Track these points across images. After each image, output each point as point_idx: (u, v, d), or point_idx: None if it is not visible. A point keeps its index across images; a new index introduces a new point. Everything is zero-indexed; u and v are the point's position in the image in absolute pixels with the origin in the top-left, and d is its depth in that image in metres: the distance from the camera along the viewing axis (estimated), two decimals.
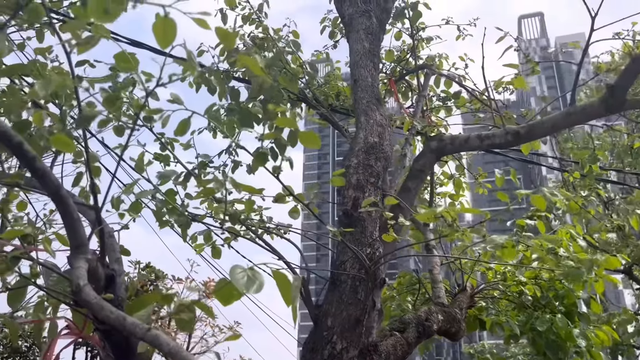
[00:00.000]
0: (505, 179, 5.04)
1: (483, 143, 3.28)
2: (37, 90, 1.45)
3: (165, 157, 3.23)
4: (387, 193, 3.21)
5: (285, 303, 1.75)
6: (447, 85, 5.45)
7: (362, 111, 3.35)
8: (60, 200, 1.62)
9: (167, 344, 1.38)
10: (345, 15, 3.97)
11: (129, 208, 3.28)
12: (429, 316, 3.71)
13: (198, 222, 3.62)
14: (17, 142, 1.44)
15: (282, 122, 2.05)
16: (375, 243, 2.96)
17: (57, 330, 3.02)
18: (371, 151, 3.15)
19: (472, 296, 4.99)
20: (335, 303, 2.87)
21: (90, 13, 1.28)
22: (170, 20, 1.35)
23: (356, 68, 3.62)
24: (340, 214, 3.02)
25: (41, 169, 1.53)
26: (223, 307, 1.76)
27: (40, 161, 1.52)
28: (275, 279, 1.71)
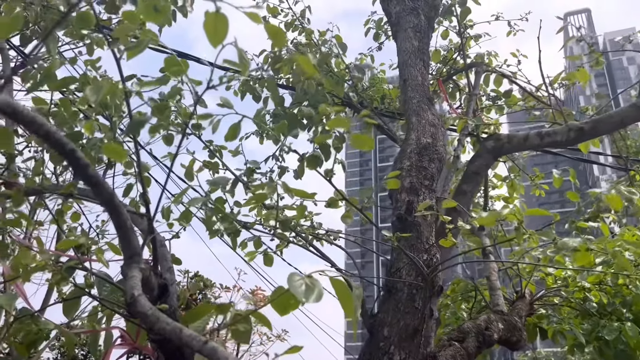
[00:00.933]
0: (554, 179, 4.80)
1: (543, 141, 3.09)
2: (88, 96, 1.42)
3: (214, 164, 3.21)
4: (442, 196, 3.07)
5: (346, 314, 1.66)
6: (497, 84, 5.25)
7: (413, 111, 3.23)
8: (114, 209, 1.59)
9: (225, 358, 1.30)
10: (392, 14, 3.86)
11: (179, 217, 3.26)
12: (488, 325, 3.53)
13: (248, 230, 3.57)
14: (70, 149, 1.40)
15: (335, 124, 1.96)
16: (432, 249, 2.82)
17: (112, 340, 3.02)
18: (424, 152, 3.02)
19: (532, 303, 4.75)
20: (391, 312, 2.75)
21: (140, 12, 1.23)
22: (222, 16, 1.29)
23: (405, 67, 3.50)
24: (393, 218, 2.90)
25: (94, 177, 1.49)
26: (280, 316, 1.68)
27: (93, 169, 1.48)
28: (335, 288, 1.62)
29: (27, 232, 6.57)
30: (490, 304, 4.22)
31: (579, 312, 4.73)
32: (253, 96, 5.37)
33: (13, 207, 1.78)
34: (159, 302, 2.16)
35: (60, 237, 11.09)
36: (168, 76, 1.68)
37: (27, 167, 7.00)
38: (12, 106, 1.26)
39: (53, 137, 1.37)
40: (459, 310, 5.24)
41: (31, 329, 2.43)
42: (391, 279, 2.78)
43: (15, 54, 5.98)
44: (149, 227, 1.99)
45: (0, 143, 1.62)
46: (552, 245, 3.73)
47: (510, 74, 4.97)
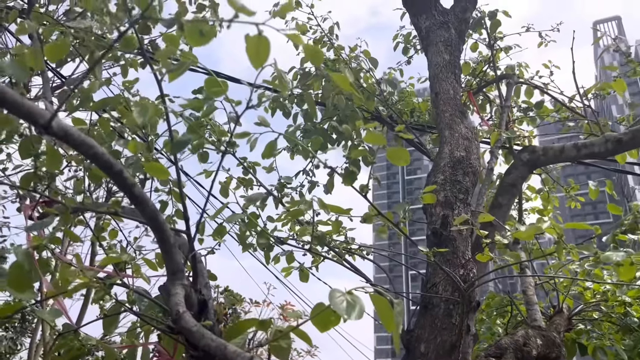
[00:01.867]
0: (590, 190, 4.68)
1: (580, 153, 3.03)
2: (136, 117, 1.47)
3: (248, 181, 3.25)
4: (477, 210, 3.03)
5: (387, 329, 1.65)
6: (528, 95, 5.19)
7: (445, 125, 3.22)
8: (157, 226, 1.62)
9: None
10: (422, 29, 3.87)
11: (214, 232, 3.31)
12: (527, 340, 3.45)
13: (280, 246, 3.60)
14: (117, 170, 1.45)
15: (370, 139, 1.97)
16: (469, 264, 2.79)
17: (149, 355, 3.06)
18: (458, 166, 3.00)
19: (570, 318, 4.63)
20: (428, 328, 2.72)
21: (187, 36, 1.27)
22: (264, 38, 1.33)
23: (437, 81, 3.49)
24: (429, 233, 2.88)
25: (140, 196, 1.53)
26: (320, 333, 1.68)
27: (138, 188, 1.53)
28: (375, 304, 1.61)
29: (62, 248, 6.73)
30: (527, 318, 4.14)
31: (619, 327, 4.59)
32: (283, 112, 5.43)
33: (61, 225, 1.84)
34: (199, 318, 2.19)
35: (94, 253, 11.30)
36: (210, 96, 1.72)
37: (66, 186, 7.21)
38: (64, 129, 1.32)
39: (101, 158, 1.41)
40: (495, 326, 5.15)
41: (74, 344, 2.49)
42: (427, 294, 2.76)
43: (52, 75, 6.20)
44: (189, 243, 2.03)
45: (50, 163, 1.68)
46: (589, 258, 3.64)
47: (542, 85, 4.91)
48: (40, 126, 1.27)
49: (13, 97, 1.22)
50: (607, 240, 3.76)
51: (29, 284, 1.62)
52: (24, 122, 2.14)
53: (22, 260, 1.50)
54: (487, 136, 4.85)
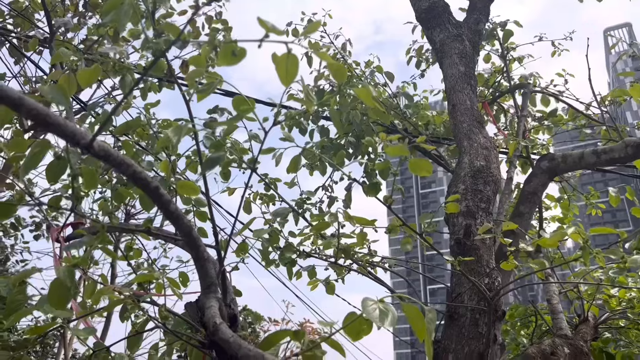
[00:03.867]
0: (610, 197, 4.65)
1: (600, 159, 3.04)
2: (171, 136, 1.52)
3: (270, 196, 3.30)
4: (499, 219, 3.04)
5: (418, 338, 1.67)
6: (545, 104, 5.21)
7: (464, 135, 3.25)
8: (192, 241, 1.67)
9: None
10: (436, 42, 3.92)
11: (237, 249, 3.36)
12: (554, 349, 3.43)
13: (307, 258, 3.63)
14: (154, 187, 1.51)
15: (393, 151, 2.01)
16: (493, 272, 2.79)
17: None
18: (478, 175, 3.02)
19: (596, 327, 4.57)
20: (455, 338, 2.72)
21: (220, 56, 1.33)
22: (293, 56, 1.38)
23: (453, 92, 3.53)
24: (452, 243, 2.89)
25: (175, 212, 1.59)
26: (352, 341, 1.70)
27: (174, 205, 1.58)
28: (407, 313, 1.63)
29: (84, 269, 6.81)
30: (552, 328, 4.10)
31: None
32: (300, 130, 5.50)
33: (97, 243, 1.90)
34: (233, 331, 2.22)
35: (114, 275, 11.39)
36: (240, 115, 1.78)
37: (92, 208, 7.29)
38: (104, 150, 1.38)
39: (139, 176, 1.47)
40: (519, 336, 5.10)
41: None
42: (453, 304, 2.76)
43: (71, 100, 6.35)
44: (219, 259, 2.07)
45: (88, 184, 1.74)
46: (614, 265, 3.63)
47: (557, 93, 4.93)
48: (83, 146, 1.33)
49: (57, 119, 1.29)
50: (631, 247, 3.73)
51: (67, 301, 1.67)
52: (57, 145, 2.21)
53: (64, 277, 1.56)
54: (504, 146, 4.87)
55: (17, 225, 11.13)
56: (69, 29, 5.86)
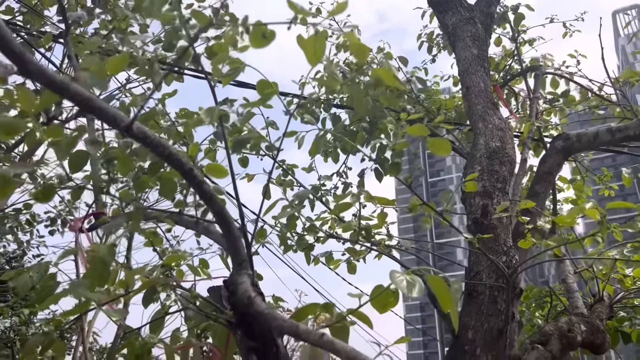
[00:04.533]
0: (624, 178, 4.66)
1: (615, 137, 3.07)
2: (203, 117, 1.59)
3: (288, 182, 3.36)
4: (514, 199, 3.09)
5: (444, 309, 1.72)
6: (554, 86, 5.22)
7: (478, 117, 3.29)
8: (224, 219, 1.74)
9: (344, 348, 1.41)
10: (448, 26, 3.95)
11: (256, 235, 3.43)
12: (571, 327, 3.47)
13: (324, 243, 3.69)
14: (188, 168, 1.57)
15: (414, 131, 2.06)
16: (511, 251, 2.84)
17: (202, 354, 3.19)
18: (494, 156, 3.06)
19: (611, 306, 4.61)
20: (474, 315, 2.78)
21: (252, 39, 1.39)
22: (320, 38, 1.43)
23: (467, 75, 3.57)
24: (469, 223, 2.94)
25: (208, 192, 1.65)
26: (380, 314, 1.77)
27: (207, 185, 1.64)
28: (432, 285, 1.69)
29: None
30: (568, 307, 4.15)
31: None
32: (312, 117, 5.55)
33: (131, 229, 1.97)
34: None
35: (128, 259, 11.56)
36: (264, 98, 1.83)
37: (113, 196, 7.42)
38: (143, 132, 1.44)
39: (174, 157, 1.54)
40: (534, 317, 5.15)
41: (137, 343, 2.62)
42: (472, 281, 2.82)
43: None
44: (246, 242, 2.14)
45: (123, 168, 1.81)
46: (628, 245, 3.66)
47: (569, 75, 4.94)
48: (123, 128, 1.40)
49: (100, 103, 1.35)
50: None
51: (106, 278, 1.75)
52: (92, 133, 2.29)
53: (105, 254, 1.63)
54: (517, 129, 4.90)
55: (32, 221, 11.28)
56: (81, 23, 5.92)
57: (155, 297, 2.71)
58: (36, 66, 1.20)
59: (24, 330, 16.44)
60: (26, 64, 1.19)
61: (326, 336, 1.48)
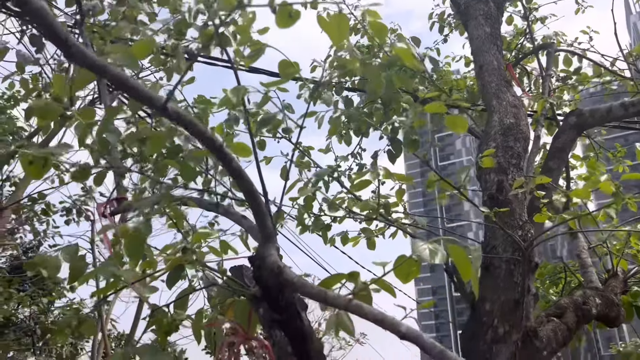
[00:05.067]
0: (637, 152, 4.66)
1: (628, 111, 3.10)
2: (230, 96, 1.66)
3: (305, 163, 3.44)
4: (529, 175, 3.14)
5: (463, 278, 1.79)
6: (567, 64, 5.22)
7: (492, 95, 3.33)
8: (253, 195, 1.82)
9: (372, 312, 1.48)
10: (460, 4, 3.97)
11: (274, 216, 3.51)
12: (586, 300, 3.54)
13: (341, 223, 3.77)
14: (218, 145, 1.65)
15: (432, 109, 2.11)
16: (526, 225, 2.90)
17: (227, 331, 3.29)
18: (508, 133, 3.11)
19: (625, 281, 4.66)
20: (491, 288, 2.85)
21: (278, 18, 1.45)
22: (344, 16, 1.49)
23: (480, 54, 3.60)
24: (485, 198, 3.00)
25: (237, 168, 1.73)
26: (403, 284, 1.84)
27: (236, 162, 1.72)
28: (452, 254, 1.75)
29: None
30: (583, 282, 4.20)
31: None
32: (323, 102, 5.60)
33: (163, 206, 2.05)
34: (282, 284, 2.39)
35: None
36: (287, 77, 1.90)
37: (135, 183, 7.58)
38: (176, 111, 1.52)
39: (205, 134, 1.61)
40: (548, 294, 5.21)
41: (165, 320, 2.73)
42: (488, 255, 2.89)
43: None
44: (271, 219, 2.22)
45: (154, 146, 1.89)
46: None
47: (581, 52, 4.94)
48: (158, 108, 1.47)
49: (136, 83, 1.43)
50: None
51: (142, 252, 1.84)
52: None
53: (141, 228, 1.72)
54: (529, 108, 4.92)
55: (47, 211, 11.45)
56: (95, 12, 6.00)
57: (183, 275, 2.82)
58: (79, 49, 1.27)
59: (43, 318, 16.76)
60: (70, 47, 1.27)
61: (354, 301, 1.56)
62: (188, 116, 1.55)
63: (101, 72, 1.35)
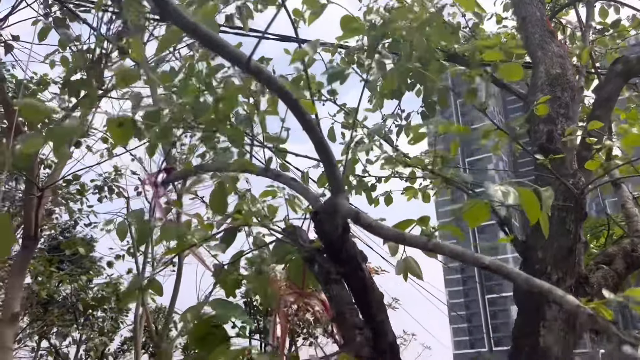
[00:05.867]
0: None
1: None
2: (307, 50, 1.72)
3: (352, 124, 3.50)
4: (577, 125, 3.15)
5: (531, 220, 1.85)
6: (603, 16, 5.13)
7: (536, 46, 3.32)
8: (323, 148, 1.90)
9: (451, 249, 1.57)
10: None
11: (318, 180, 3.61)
12: (634, 247, 3.57)
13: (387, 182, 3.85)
14: (295, 100, 1.73)
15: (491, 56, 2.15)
16: (577, 173, 2.94)
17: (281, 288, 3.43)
18: (555, 83, 3.11)
19: None
20: (543, 236, 2.91)
21: None
22: None
23: (522, 5, 3.58)
24: (535, 149, 3.03)
25: (310, 122, 1.81)
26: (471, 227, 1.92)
27: (309, 115, 1.80)
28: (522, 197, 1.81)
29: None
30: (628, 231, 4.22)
31: None
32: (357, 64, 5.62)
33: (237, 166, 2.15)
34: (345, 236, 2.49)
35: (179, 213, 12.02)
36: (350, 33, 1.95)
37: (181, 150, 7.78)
38: (258, 67, 1.60)
39: (284, 90, 1.69)
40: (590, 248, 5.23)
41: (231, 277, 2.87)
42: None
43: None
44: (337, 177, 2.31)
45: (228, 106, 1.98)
46: None
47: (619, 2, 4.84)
48: (242, 64, 1.55)
49: (223, 42, 1.51)
50: None
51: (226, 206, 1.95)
52: None
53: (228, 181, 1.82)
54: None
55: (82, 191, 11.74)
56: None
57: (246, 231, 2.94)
58: (176, 10, 1.36)
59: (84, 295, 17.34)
60: (167, 4, 1.35)
61: (432, 240, 1.65)
62: (268, 72, 1.63)
63: (193, 31, 1.43)
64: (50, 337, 18.33)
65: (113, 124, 1.73)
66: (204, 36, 1.45)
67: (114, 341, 19.54)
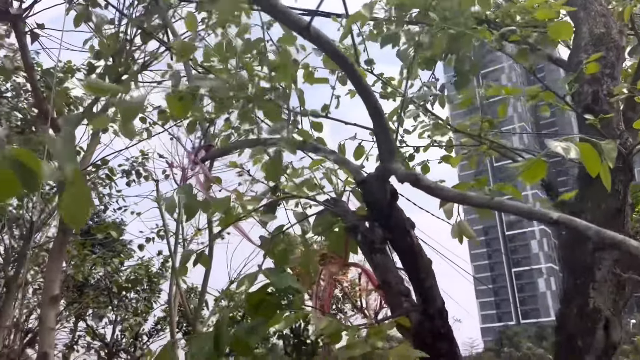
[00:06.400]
0: None
1: None
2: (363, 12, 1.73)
3: (390, 93, 3.50)
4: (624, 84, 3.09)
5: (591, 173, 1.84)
6: None
7: (579, 6, 3.24)
8: (378, 112, 1.92)
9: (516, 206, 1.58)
10: None
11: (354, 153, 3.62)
12: None
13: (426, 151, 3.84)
14: (350, 64, 1.74)
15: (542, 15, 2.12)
16: (623, 134, 2.90)
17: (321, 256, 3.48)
18: (599, 43, 3.05)
19: None
20: (592, 197, 2.89)
21: None
22: None
23: None
24: (580, 110, 2.99)
25: (366, 86, 1.82)
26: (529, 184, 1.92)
27: (365, 80, 1.81)
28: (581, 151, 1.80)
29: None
30: None
31: None
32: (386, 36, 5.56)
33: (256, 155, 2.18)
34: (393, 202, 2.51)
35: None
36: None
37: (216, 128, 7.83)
38: (317, 33, 1.61)
39: (339, 54, 1.71)
40: None
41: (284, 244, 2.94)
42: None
43: None
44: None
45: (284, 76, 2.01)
46: None
47: None
48: (302, 29, 1.57)
49: (284, 7, 1.52)
50: None
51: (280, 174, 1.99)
52: None
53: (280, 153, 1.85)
54: None
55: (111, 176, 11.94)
56: None
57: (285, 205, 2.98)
58: None
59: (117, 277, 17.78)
60: None
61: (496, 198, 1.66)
62: (325, 37, 1.64)
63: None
64: (87, 319, 18.88)
65: (174, 98, 1.77)
66: (266, 1, 1.46)
67: (148, 321, 20.01)
